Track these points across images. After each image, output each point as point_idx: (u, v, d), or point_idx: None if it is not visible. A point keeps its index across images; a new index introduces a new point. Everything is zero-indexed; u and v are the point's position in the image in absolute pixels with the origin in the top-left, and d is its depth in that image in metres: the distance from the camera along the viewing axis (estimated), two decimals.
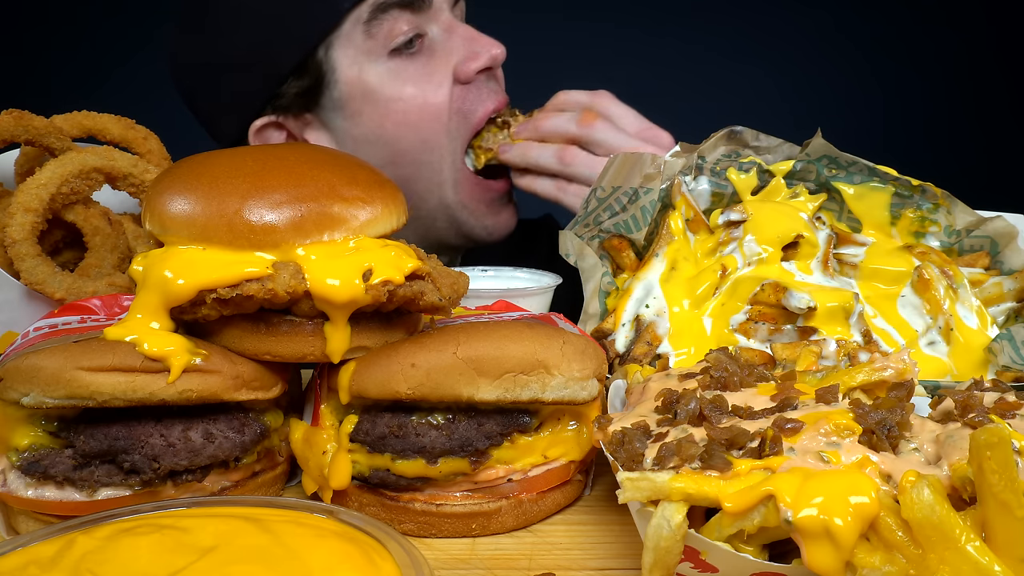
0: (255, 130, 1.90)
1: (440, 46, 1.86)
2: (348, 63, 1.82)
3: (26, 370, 0.94)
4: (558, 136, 1.79)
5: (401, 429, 0.99)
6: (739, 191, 1.46)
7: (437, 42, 1.86)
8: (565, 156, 1.77)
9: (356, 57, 1.82)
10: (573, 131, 1.77)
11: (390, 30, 1.79)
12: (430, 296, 1.02)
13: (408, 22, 1.80)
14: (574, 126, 1.77)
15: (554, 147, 1.79)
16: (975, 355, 1.30)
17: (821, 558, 0.73)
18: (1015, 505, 0.69)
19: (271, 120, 1.90)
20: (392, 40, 1.80)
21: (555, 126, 1.80)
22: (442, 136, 1.85)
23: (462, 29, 1.87)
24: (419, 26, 1.82)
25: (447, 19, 1.86)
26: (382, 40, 1.80)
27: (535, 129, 1.83)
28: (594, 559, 0.96)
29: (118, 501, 0.97)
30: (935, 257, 1.39)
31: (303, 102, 1.88)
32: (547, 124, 1.81)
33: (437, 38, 1.86)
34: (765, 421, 0.85)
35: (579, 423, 1.06)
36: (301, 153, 1.09)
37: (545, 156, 1.80)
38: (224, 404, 1.01)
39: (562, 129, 1.79)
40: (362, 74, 1.82)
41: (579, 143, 1.77)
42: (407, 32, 1.80)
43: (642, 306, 1.36)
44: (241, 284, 0.95)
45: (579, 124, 1.77)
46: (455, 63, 1.84)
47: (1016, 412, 0.87)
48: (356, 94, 1.84)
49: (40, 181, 1.29)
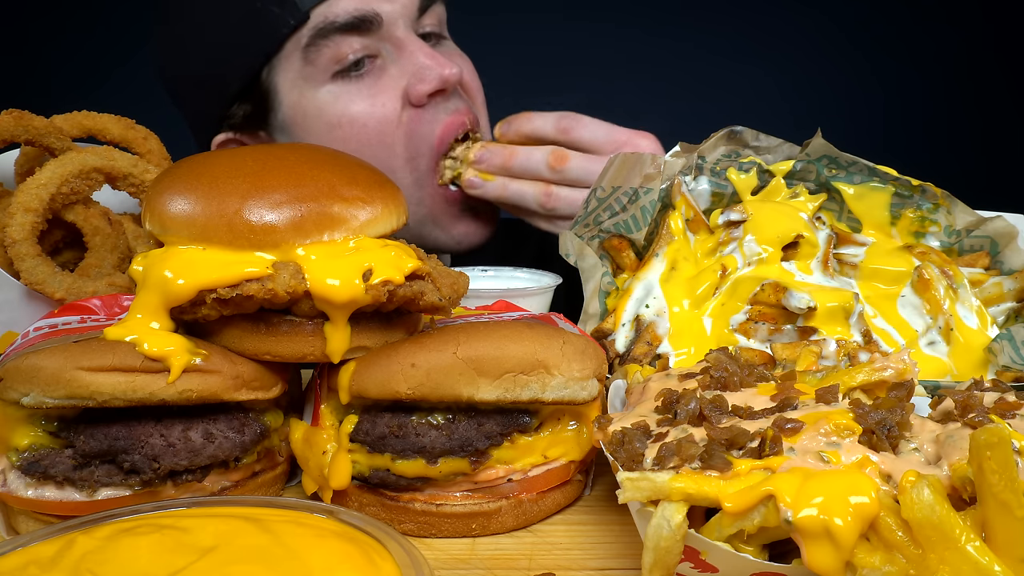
0: (215, 145, 1.90)
1: (390, 66, 1.78)
2: (288, 87, 1.78)
3: (26, 370, 0.94)
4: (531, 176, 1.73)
5: (401, 429, 0.99)
6: (739, 191, 1.46)
7: (388, 62, 1.78)
8: (548, 202, 1.72)
9: (296, 81, 1.77)
10: (546, 176, 1.72)
11: (333, 55, 1.73)
12: (430, 296, 1.02)
13: (355, 44, 1.73)
14: (546, 171, 1.71)
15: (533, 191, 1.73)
16: (975, 355, 1.30)
17: (821, 558, 0.73)
18: (1015, 505, 0.69)
19: (229, 136, 1.89)
20: (336, 64, 1.74)
21: (527, 168, 1.73)
22: (393, 160, 1.78)
23: (415, 47, 1.78)
24: (368, 47, 1.75)
25: (401, 35, 1.77)
26: (323, 65, 1.74)
27: (503, 168, 1.75)
28: (594, 559, 0.96)
29: (118, 501, 0.97)
30: (935, 257, 1.39)
31: (253, 122, 1.86)
32: (517, 164, 1.74)
33: (388, 57, 1.78)
34: (765, 421, 0.85)
35: (579, 423, 1.06)
36: (301, 153, 1.09)
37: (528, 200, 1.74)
38: (224, 404, 1.01)
39: (535, 172, 1.72)
40: (302, 99, 1.78)
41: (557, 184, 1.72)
42: (355, 53, 1.74)
43: (642, 306, 1.36)
44: (241, 284, 0.95)
45: (551, 168, 1.70)
46: (404, 85, 1.77)
47: (1016, 412, 0.87)
48: (297, 118, 1.80)
49: (40, 181, 1.29)
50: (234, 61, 1.79)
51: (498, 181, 1.77)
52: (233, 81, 1.81)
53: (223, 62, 1.80)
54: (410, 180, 1.81)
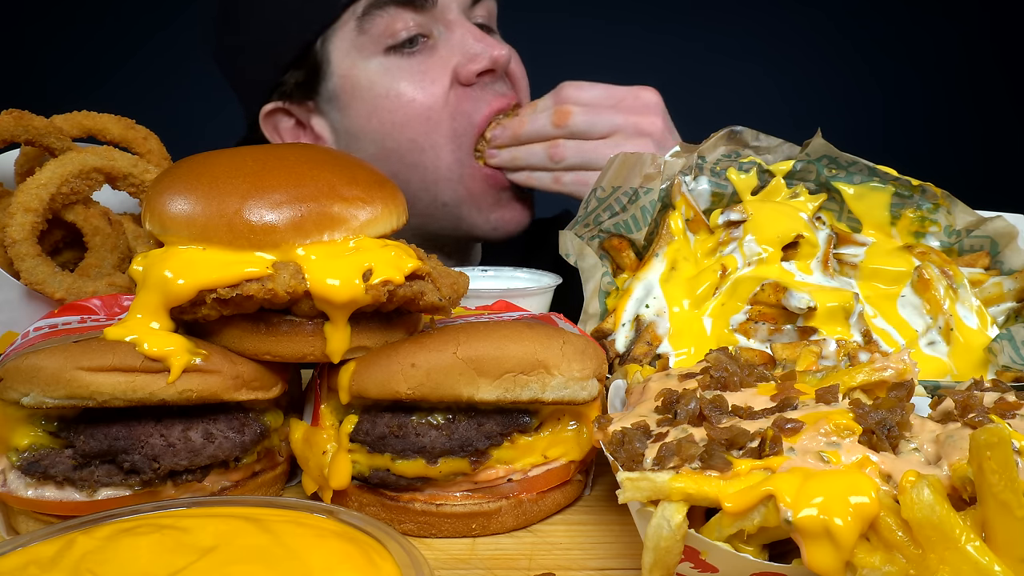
0: (264, 114, 1.95)
1: (441, 46, 1.84)
2: (341, 56, 1.83)
3: (26, 370, 0.94)
4: (539, 139, 1.80)
5: (401, 429, 0.99)
6: (739, 191, 1.46)
7: (439, 42, 1.84)
8: (556, 153, 1.78)
9: (349, 51, 1.82)
10: (551, 132, 1.78)
11: (386, 27, 1.79)
12: (430, 296, 1.02)
13: (408, 20, 1.80)
14: (550, 127, 1.78)
15: (542, 146, 1.79)
16: (975, 355, 1.30)
17: (821, 558, 0.73)
18: (1015, 505, 0.69)
19: (278, 106, 1.94)
20: (389, 37, 1.80)
21: (532, 131, 1.80)
22: (437, 136, 1.84)
23: (465, 29, 1.85)
24: (422, 25, 1.81)
25: (453, 19, 1.85)
26: (376, 36, 1.80)
27: (514, 137, 1.83)
28: (594, 559, 0.96)
29: (118, 501, 0.97)
30: (935, 257, 1.39)
31: (304, 91, 1.91)
32: (525, 130, 1.81)
33: (440, 38, 1.84)
34: (765, 421, 0.85)
35: (579, 423, 1.06)
36: (301, 153, 1.09)
37: (536, 157, 1.80)
38: (224, 404, 1.01)
39: (541, 132, 1.79)
40: (353, 69, 1.83)
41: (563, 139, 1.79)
42: (408, 30, 1.80)
43: (642, 306, 1.36)
44: (241, 284, 0.95)
45: (555, 124, 1.77)
46: (455, 64, 1.83)
47: (1016, 412, 0.87)
48: (347, 88, 1.85)
49: (40, 181, 1.29)
50: (290, 29, 1.85)
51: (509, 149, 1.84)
52: (288, 51, 1.86)
53: (279, 30, 1.86)
54: (452, 159, 1.86)
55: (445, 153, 1.85)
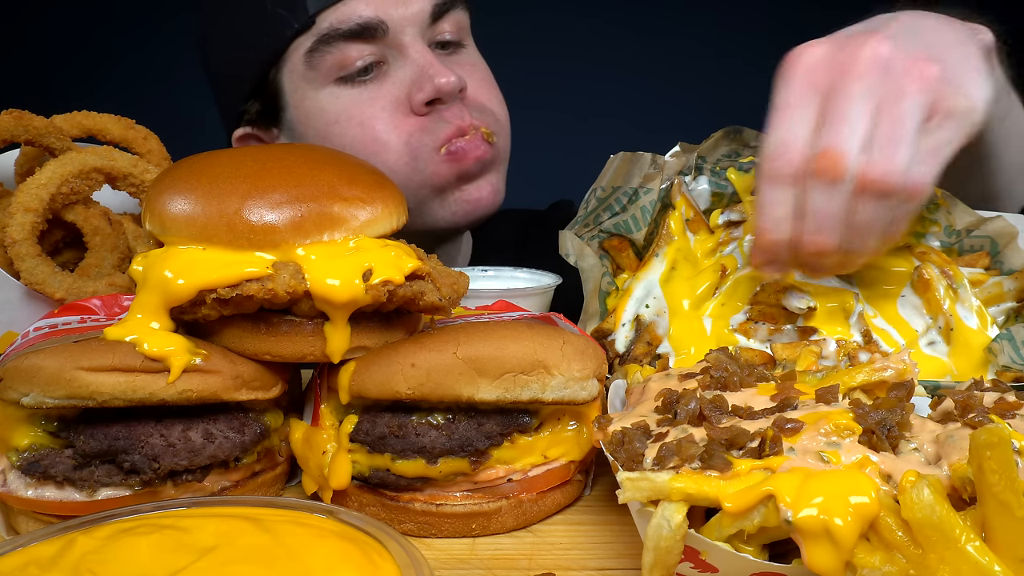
0: (235, 139, 1.97)
1: (394, 72, 1.79)
2: (292, 88, 1.83)
3: (26, 370, 0.94)
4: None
5: (401, 429, 0.99)
6: (739, 191, 1.45)
7: (392, 68, 1.79)
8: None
9: (299, 83, 1.81)
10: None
11: (336, 61, 1.75)
12: (430, 296, 1.02)
13: (363, 50, 1.75)
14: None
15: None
16: (975, 355, 1.30)
17: (821, 558, 0.73)
18: (1015, 505, 0.69)
19: (247, 131, 1.96)
20: (341, 69, 1.76)
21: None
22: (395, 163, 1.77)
23: (415, 56, 1.78)
24: (375, 53, 1.76)
25: (407, 42, 1.77)
26: (326, 70, 1.76)
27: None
28: (594, 559, 0.96)
29: (118, 501, 0.97)
30: (935, 257, 1.39)
31: (266, 119, 1.92)
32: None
33: (394, 63, 1.79)
34: (765, 421, 0.85)
35: (579, 423, 1.06)
36: (301, 153, 1.09)
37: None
38: (224, 404, 1.01)
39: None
40: (304, 100, 1.82)
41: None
42: (363, 59, 1.75)
43: (642, 306, 1.36)
44: (241, 284, 0.95)
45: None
46: (406, 93, 1.78)
47: (1016, 412, 0.87)
48: (301, 117, 1.85)
49: (40, 181, 1.29)
50: (246, 59, 1.85)
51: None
52: (246, 79, 1.87)
53: (237, 60, 1.87)
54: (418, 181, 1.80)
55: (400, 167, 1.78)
